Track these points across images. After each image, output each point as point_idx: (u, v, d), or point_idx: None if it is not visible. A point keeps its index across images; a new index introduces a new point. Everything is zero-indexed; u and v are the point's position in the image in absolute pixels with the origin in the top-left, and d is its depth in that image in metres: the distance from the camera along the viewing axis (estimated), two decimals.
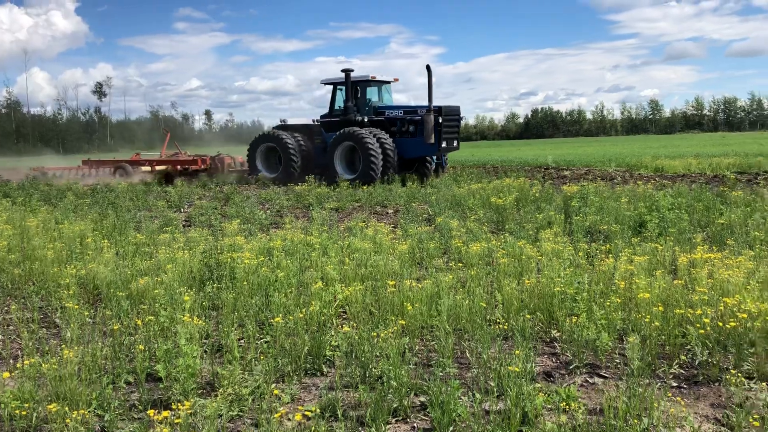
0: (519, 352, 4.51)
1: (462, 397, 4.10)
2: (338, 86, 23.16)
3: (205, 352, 5.09)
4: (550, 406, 3.98)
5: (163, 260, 7.69)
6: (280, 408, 4.06)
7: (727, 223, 9.57)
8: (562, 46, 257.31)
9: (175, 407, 3.78)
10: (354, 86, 22.72)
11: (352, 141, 21.19)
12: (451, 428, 3.77)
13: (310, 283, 6.40)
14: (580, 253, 7.63)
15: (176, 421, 3.60)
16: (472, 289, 6.06)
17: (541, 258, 7.31)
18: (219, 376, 4.44)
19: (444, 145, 21.45)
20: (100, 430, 3.94)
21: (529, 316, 5.53)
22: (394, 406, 4.06)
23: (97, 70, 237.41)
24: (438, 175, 23.14)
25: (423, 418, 4.03)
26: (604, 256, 7.61)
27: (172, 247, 8.67)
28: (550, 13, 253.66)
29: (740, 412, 3.73)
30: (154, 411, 3.75)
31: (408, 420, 4.02)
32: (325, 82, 23.81)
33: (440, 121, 20.89)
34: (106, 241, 9.18)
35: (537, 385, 4.25)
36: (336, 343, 5.04)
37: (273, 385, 4.39)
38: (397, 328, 5.03)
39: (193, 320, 5.04)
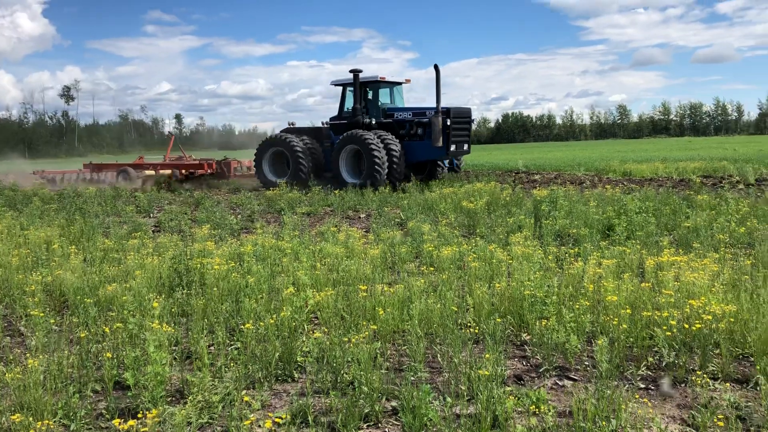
0: (490, 356, 4.55)
1: (433, 402, 4.11)
2: (348, 87, 22.30)
3: (174, 359, 5.03)
4: (521, 409, 4.00)
5: (131, 266, 7.59)
6: (250, 415, 4.03)
7: (692, 226, 9.74)
8: (533, 52, 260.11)
9: (141, 416, 3.73)
10: (362, 87, 21.80)
11: (356, 144, 20.34)
12: None
13: (282, 289, 6.37)
14: (550, 257, 7.71)
15: (143, 430, 3.54)
16: (444, 293, 6.08)
17: (512, 262, 7.37)
18: (189, 383, 4.39)
19: (453, 148, 20.54)
20: None
21: (500, 320, 5.57)
22: (366, 411, 4.05)
23: (65, 73, 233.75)
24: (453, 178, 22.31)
25: (394, 423, 4.03)
26: (573, 259, 7.70)
27: (141, 252, 8.56)
28: (521, 18, 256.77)
29: (705, 413, 3.79)
30: (120, 420, 3.69)
31: (379, 425, 4.01)
32: (335, 83, 22.87)
33: (448, 124, 20.03)
34: (74, 247, 9.02)
35: (507, 389, 4.27)
36: (307, 349, 5.01)
37: (243, 392, 4.35)
38: (369, 333, 5.03)
39: (162, 327, 4.97)
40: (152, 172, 25.45)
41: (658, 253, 7.69)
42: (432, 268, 7.61)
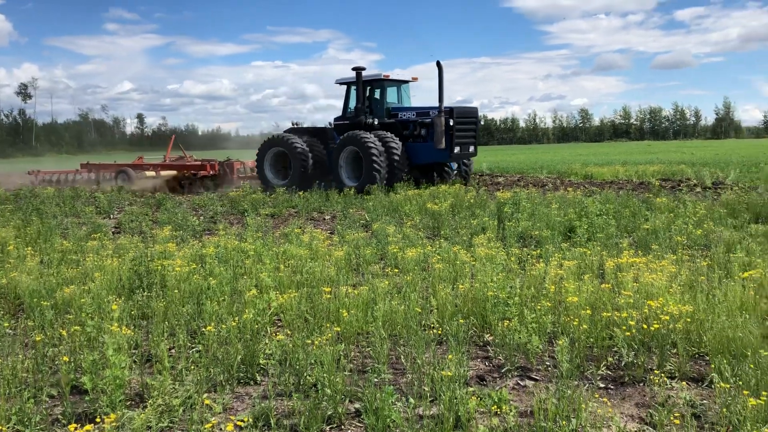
0: (453, 357, 4.57)
1: (396, 403, 4.11)
2: (352, 86, 21.27)
3: (134, 362, 4.94)
4: (483, 410, 4.03)
5: (90, 268, 7.44)
6: (211, 418, 3.98)
7: (651, 228, 9.94)
8: (497, 55, 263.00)
9: (99, 420, 3.65)
10: (365, 86, 20.82)
11: (355, 145, 19.41)
12: None
13: (244, 291, 6.32)
14: (513, 258, 7.78)
15: None
16: (408, 295, 6.09)
17: (475, 263, 7.42)
18: (148, 386, 4.31)
19: (457, 150, 19.49)
20: None
21: (463, 321, 5.60)
22: (329, 413, 4.04)
23: (22, 71, 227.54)
24: (462, 183, 20.83)
25: (357, 424, 4.02)
26: (535, 260, 7.79)
27: (101, 254, 8.41)
28: (486, 22, 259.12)
29: (662, 411, 3.87)
30: (76, 425, 3.61)
31: (342, 427, 4.00)
32: (340, 82, 21.88)
33: (451, 124, 19.04)
34: (30, 249, 8.81)
35: (470, 389, 4.30)
36: (270, 351, 4.97)
37: (205, 395, 4.29)
38: (333, 335, 5.01)
39: (121, 330, 4.88)
40: (152, 173, 24.40)
41: (618, 255, 7.83)
42: (396, 270, 7.62)
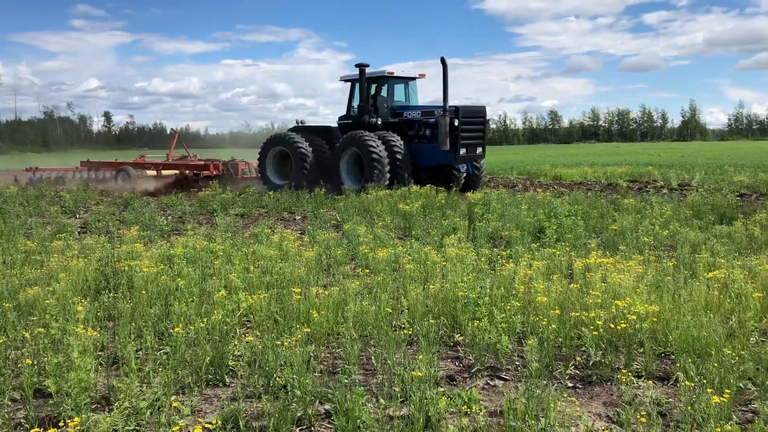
0: (423, 357, 4.57)
1: (367, 404, 4.10)
2: (356, 84, 20.23)
3: (100, 364, 4.85)
4: (453, 410, 4.04)
5: (55, 269, 7.30)
6: (179, 421, 3.92)
7: (619, 229, 10.08)
8: (468, 57, 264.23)
9: (63, 424, 3.58)
10: (369, 84, 19.91)
11: (356, 146, 18.60)
12: None
13: (213, 292, 6.25)
14: (483, 259, 7.83)
15: None
16: (379, 295, 6.09)
17: (446, 263, 7.45)
18: (115, 389, 4.24)
19: (463, 152, 18.45)
20: None
21: (434, 321, 5.61)
22: (299, 415, 4.01)
23: None
24: (472, 187, 19.86)
25: (328, 426, 4.00)
26: (505, 261, 7.85)
27: (66, 255, 8.25)
28: (456, 24, 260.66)
29: (629, 410, 3.92)
30: (39, 429, 3.54)
31: (312, 429, 3.97)
32: (344, 79, 20.95)
33: (456, 124, 17.99)
34: None
35: (440, 389, 4.30)
36: (239, 353, 4.93)
37: (172, 398, 4.24)
38: (302, 336, 4.98)
39: (87, 332, 4.79)
40: (153, 173, 23.57)
41: (586, 255, 7.92)
42: (367, 270, 7.61)
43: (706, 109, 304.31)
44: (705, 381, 4.20)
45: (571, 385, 4.64)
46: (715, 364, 4.36)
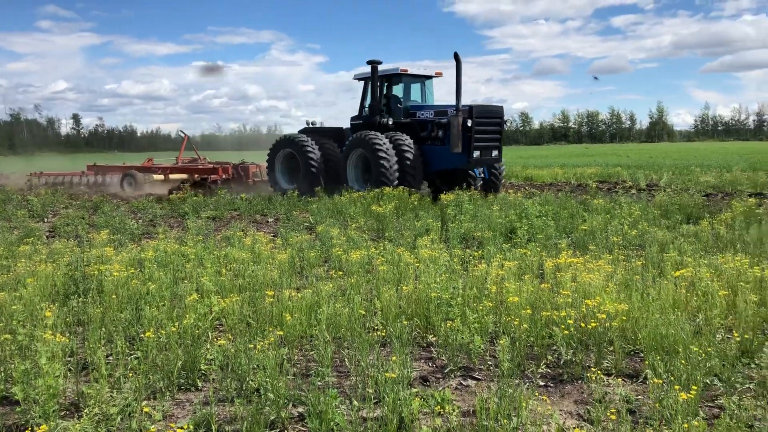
0: (396, 359, 4.59)
1: (340, 406, 4.10)
2: (369, 82, 18.98)
3: (69, 370, 4.78)
4: (426, 410, 4.06)
5: (22, 274, 7.17)
6: (151, 426, 3.88)
7: (589, 229, 10.21)
8: (440, 59, 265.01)
9: (30, 431, 3.53)
10: (381, 82, 18.64)
11: (363, 148, 17.42)
12: None
13: (185, 296, 6.20)
14: (456, 259, 7.87)
15: None
16: (352, 297, 6.09)
17: (419, 265, 7.47)
18: (84, 395, 4.19)
19: (477, 155, 16.96)
20: None
21: (407, 322, 5.63)
22: (272, 418, 4.00)
23: None
24: (491, 191, 18.28)
25: (301, 429, 3.99)
26: (477, 261, 7.90)
27: (34, 259, 8.11)
28: (428, 26, 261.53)
29: (599, 407, 3.98)
30: None
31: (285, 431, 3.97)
32: (357, 77, 19.83)
33: (469, 125, 16.60)
34: None
35: (414, 390, 4.32)
36: (211, 357, 4.89)
37: (144, 403, 4.19)
38: (275, 339, 4.96)
39: (55, 337, 4.72)
40: (161, 177, 22.62)
41: (557, 255, 8.01)
42: (341, 273, 7.61)
43: (673, 110, 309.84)
44: (673, 378, 4.28)
45: (542, 383, 4.69)
46: (683, 361, 4.44)
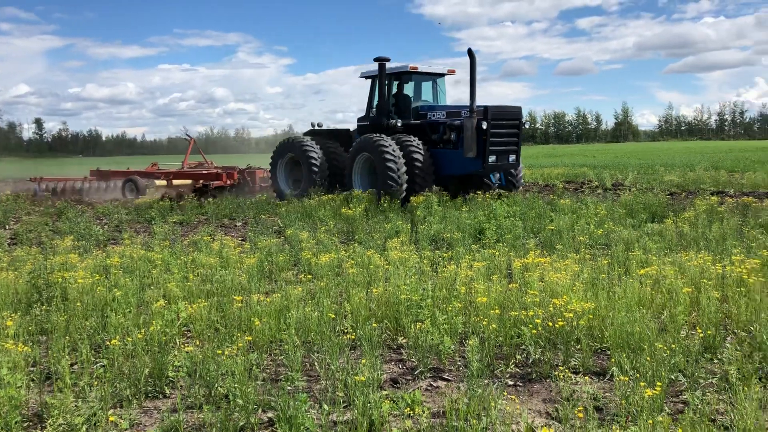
0: (366, 361, 4.58)
1: (310, 410, 4.09)
2: (377, 81, 17.69)
3: (32, 380, 4.68)
4: (396, 412, 4.06)
5: None
6: None
7: (556, 229, 10.33)
8: (407, 61, 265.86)
9: None
10: (390, 80, 17.46)
11: (369, 151, 16.23)
12: None
13: (151, 302, 6.12)
14: (425, 261, 7.90)
15: None
16: (321, 301, 6.07)
17: (389, 267, 7.48)
18: (48, 405, 4.10)
19: (492, 160, 15.79)
20: None
21: (377, 325, 5.63)
22: (241, 424, 3.96)
23: None
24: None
25: None
26: (446, 262, 7.93)
27: None
28: (396, 28, 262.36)
29: (567, 405, 4.02)
30: None
31: None
32: (364, 75, 18.57)
33: (484, 128, 15.41)
34: None
35: (384, 393, 4.32)
36: (179, 363, 4.83)
37: (110, 412, 4.13)
38: (244, 344, 4.92)
39: (17, 347, 4.62)
40: (164, 182, 21.95)
41: (525, 255, 8.09)
42: (310, 276, 7.58)
43: (638, 111, 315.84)
44: (638, 375, 4.35)
45: (511, 383, 4.73)
46: (648, 358, 4.52)
